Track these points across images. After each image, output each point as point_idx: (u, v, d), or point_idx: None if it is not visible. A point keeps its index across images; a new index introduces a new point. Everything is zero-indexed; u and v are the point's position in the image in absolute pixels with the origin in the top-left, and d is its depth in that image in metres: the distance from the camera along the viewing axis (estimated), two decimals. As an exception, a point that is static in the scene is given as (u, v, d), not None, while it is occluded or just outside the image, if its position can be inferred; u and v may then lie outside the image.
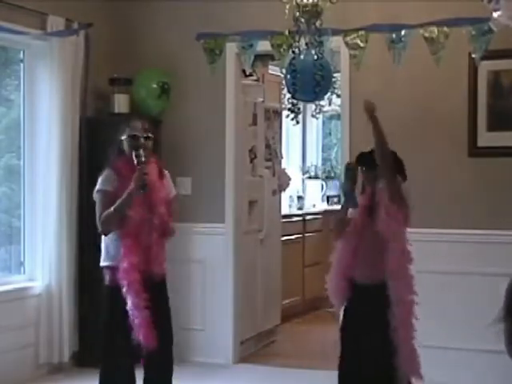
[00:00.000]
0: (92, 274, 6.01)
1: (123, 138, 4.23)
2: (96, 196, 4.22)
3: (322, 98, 4.86)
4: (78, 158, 5.94)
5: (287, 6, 4.74)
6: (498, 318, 1.89)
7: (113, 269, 4.21)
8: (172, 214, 4.30)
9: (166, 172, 4.39)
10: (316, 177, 9.50)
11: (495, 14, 3.98)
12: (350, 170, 4.25)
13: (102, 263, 4.32)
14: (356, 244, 4.13)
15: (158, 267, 4.24)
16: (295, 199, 8.95)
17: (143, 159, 4.10)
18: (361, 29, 5.52)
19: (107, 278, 4.29)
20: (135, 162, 4.09)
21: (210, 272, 6.25)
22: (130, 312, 4.09)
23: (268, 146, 7.14)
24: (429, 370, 4.09)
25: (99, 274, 5.96)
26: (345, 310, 4.26)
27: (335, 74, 5.18)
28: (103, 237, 4.28)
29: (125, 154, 4.23)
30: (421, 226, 5.57)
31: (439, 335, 5.49)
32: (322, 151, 9.96)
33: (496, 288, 5.25)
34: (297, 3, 4.66)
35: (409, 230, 4.18)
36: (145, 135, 4.22)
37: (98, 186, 4.23)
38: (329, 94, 4.88)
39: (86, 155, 6.01)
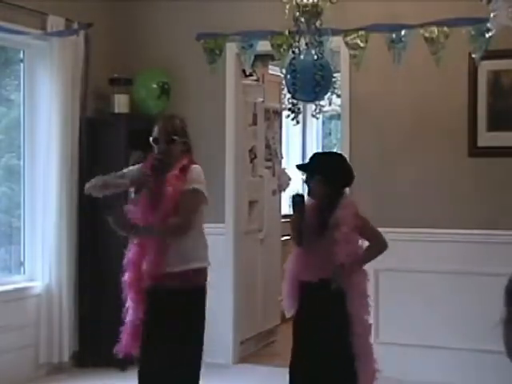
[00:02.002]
0: (92, 274, 6.03)
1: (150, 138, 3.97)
2: None
3: (322, 98, 4.86)
4: (78, 158, 5.95)
5: (287, 6, 4.74)
6: (504, 319, 1.87)
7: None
8: (178, 209, 3.78)
9: (194, 167, 3.91)
10: (316, 177, 9.48)
11: (494, 14, 3.99)
12: (297, 202, 4.05)
13: None
14: (305, 248, 4.10)
15: (154, 275, 3.85)
16: (295, 199, 8.94)
17: (158, 168, 3.85)
18: (361, 29, 5.51)
19: None
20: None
21: (210, 272, 6.23)
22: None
23: (268, 146, 7.14)
24: (429, 370, 4.10)
25: (99, 274, 6.00)
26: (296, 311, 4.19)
27: (335, 74, 5.18)
28: None
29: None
30: (421, 226, 5.58)
31: (439, 335, 5.50)
32: (322, 151, 9.96)
33: (496, 288, 5.26)
34: (297, 3, 4.66)
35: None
36: (167, 139, 3.90)
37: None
38: (329, 94, 4.89)
39: (86, 155, 6.01)
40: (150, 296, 3.90)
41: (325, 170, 4.05)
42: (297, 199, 4.08)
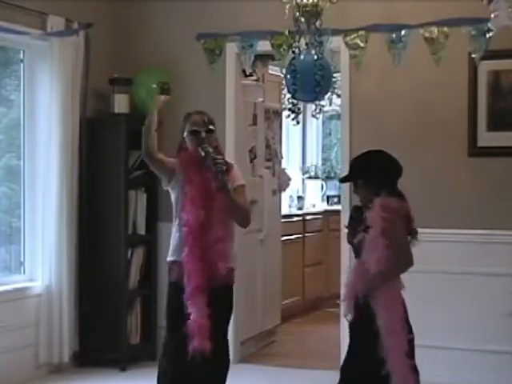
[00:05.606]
0: (92, 273, 6.03)
1: (185, 135, 4.08)
2: None
3: (322, 98, 4.86)
4: (78, 158, 5.95)
5: (287, 6, 4.74)
6: None
7: (176, 264, 4.03)
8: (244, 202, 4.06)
9: (232, 163, 4.19)
10: (316, 177, 9.51)
11: (495, 14, 3.99)
12: (352, 215, 3.85)
13: (168, 258, 4.12)
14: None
15: (218, 270, 3.98)
16: (295, 199, 8.96)
17: (210, 150, 3.92)
18: (361, 29, 5.52)
19: (172, 273, 4.08)
20: (202, 154, 3.91)
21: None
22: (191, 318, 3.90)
23: (268, 146, 7.14)
24: (429, 369, 4.09)
25: (99, 273, 6.00)
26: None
27: (335, 74, 5.18)
28: (173, 232, 4.12)
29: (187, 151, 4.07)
30: (420, 226, 5.56)
31: (439, 335, 5.49)
32: (322, 151, 9.97)
33: (496, 288, 5.27)
34: (297, 3, 4.67)
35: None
36: (206, 129, 4.07)
37: None
38: (329, 93, 4.89)
39: (86, 155, 6.01)
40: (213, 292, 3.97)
41: (361, 172, 3.80)
42: (354, 213, 3.85)
